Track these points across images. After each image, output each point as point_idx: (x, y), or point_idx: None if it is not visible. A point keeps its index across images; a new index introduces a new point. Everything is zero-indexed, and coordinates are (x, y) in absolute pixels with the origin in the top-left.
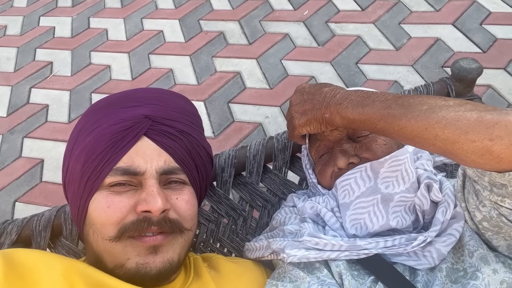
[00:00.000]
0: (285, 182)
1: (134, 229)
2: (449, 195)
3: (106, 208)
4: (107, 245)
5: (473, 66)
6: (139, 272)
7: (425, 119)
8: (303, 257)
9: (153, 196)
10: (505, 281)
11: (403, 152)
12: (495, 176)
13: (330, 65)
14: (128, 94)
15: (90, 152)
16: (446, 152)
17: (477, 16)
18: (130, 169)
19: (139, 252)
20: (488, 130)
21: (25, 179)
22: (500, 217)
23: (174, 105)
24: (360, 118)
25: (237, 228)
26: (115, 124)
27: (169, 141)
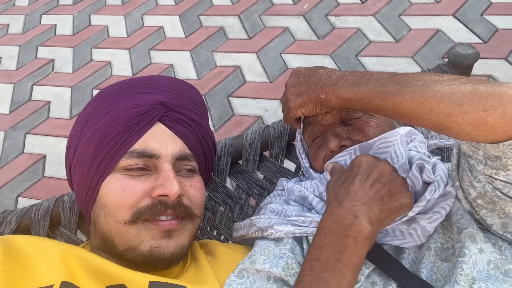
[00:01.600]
0: (281, 170)
1: (150, 213)
2: (441, 176)
3: (122, 191)
4: (120, 228)
5: (469, 51)
6: (152, 255)
7: (420, 94)
8: (289, 232)
9: (171, 181)
10: (491, 261)
11: (392, 134)
12: (489, 148)
13: (330, 58)
14: (142, 80)
15: (104, 134)
16: (441, 125)
17: (477, 6)
18: (145, 152)
19: (153, 236)
20: (482, 101)
21: (28, 175)
22: (494, 191)
23: (186, 94)
24: (355, 97)
25: (233, 215)
26: (130, 108)
27: (183, 128)
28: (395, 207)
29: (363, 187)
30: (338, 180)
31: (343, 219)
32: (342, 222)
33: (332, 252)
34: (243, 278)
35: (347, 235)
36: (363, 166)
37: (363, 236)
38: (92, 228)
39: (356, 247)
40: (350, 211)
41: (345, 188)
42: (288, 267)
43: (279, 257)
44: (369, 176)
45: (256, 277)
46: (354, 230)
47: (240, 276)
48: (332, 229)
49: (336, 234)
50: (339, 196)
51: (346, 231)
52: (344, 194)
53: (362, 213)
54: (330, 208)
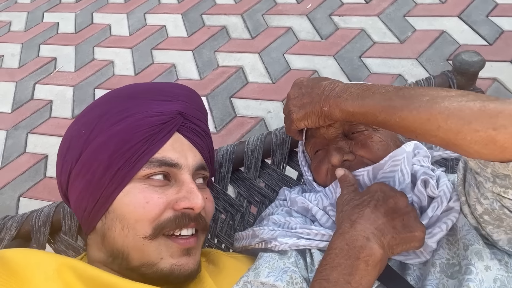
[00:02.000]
0: (283, 177)
1: (175, 226)
2: (444, 191)
3: (145, 204)
4: (139, 242)
5: (475, 59)
6: (173, 273)
7: (427, 110)
8: (293, 244)
9: (195, 194)
10: (498, 278)
11: (400, 152)
12: (498, 166)
13: (333, 59)
14: (158, 87)
15: (122, 141)
16: (449, 143)
17: (483, 7)
18: (166, 160)
19: (173, 253)
20: (491, 119)
21: (29, 175)
22: (502, 209)
23: (198, 104)
24: (360, 110)
25: (234, 223)
26: (151, 116)
27: (198, 139)
28: (407, 237)
29: (377, 212)
30: (352, 200)
31: (355, 241)
32: (354, 244)
33: (343, 273)
34: None
35: (358, 257)
36: (379, 194)
37: (374, 260)
38: (96, 240)
39: (366, 270)
40: (362, 233)
41: (359, 210)
42: (292, 282)
43: (283, 271)
44: (385, 204)
45: None
46: (366, 253)
47: None
48: (343, 250)
49: (347, 256)
50: (352, 217)
51: (357, 254)
52: (357, 215)
53: (374, 237)
54: (341, 229)
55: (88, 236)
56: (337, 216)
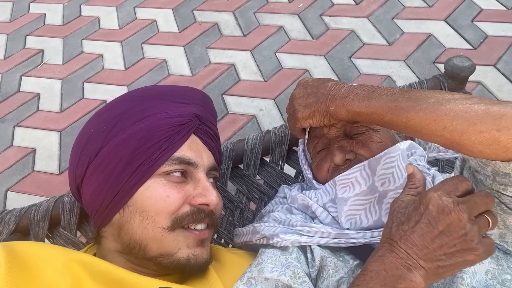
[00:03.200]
0: (281, 175)
1: (192, 220)
2: None
3: (166, 197)
4: (158, 233)
5: (466, 64)
6: (189, 262)
7: (434, 111)
8: (295, 241)
9: (211, 191)
10: (489, 271)
11: (395, 149)
12: (499, 165)
13: (324, 59)
14: (177, 90)
15: (144, 139)
16: (454, 143)
17: (469, 12)
18: (185, 158)
19: (189, 244)
20: (495, 121)
21: (17, 168)
22: (500, 205)
23: (212, 109)
24: (366, 111)
25: (234, 219)
26: (172, 117)
27: (211, 142)
28: (457, 263)
29: (423, 239)
30: (401, 213)
31: (395, 269)
32: (393, 272)
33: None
34: (251, 286)
35: (395, 287)
36: (431, 210)
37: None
38: (112, 232)
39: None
40: (404, 261)
41: (403, 232)
42: (295, 276)
43: (286, 266)
44: (436, 226)
45: (264, 285)
46: (404, 285)
47: (248, 284)
48: (380, 275)
49: (383, 283)
50: (394, 240)
51: (395, 283)
52: (400, 239)
53: (417, 268)
54: (381, 250)
55: (103, 229)
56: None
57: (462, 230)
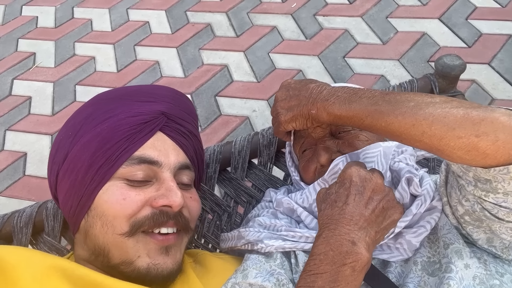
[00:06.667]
0: (270, 177)
1: (153, 223)
2: (428, 190)
3: (122, 200)
4: (117, 239)
5: (457, 63)
6: (150, 273)
7: (412, 116)
8: (279, 247)
9: (174, 191)
10: (477, 276)
11: (375, 147)
12: (480, 171)
13: (317, 59)
14: (143, 89)
15: (104, 140)
16: (433, 148)
17: (463, 11)
18: (146, 157)
19: (149, 252)
20: (474, 126)
21: (8, 173)
22: (483, 211)
23: (185, 105)
24: (347, 114)
25: (221, 224)
26: (132, 116)
27: (182, 138)
28: (388, 224)
29: (358, 208)
30: (329, 195)
31: (340, 246)
32: (339, 250)
33: (328, 280)
34: None
35: (345, 263)
36: (355, 181)
37: (360, 265)
38: (80, 239)
39: (353, 276)
40: (347, 237)
41: (339, 209)
42: (279, 284)
43: (270, 274)
44: (363, 194)
45: None
46: (352, 259)
47: None
48: (328, 256)
49: (332, 262)
50: (333, 218)
51: (343, 260)
52: (339, 216)
53: (359, 240)
54: (324, 232)
55: (75, 235)
56: (318, 215)
57: (384, 191)
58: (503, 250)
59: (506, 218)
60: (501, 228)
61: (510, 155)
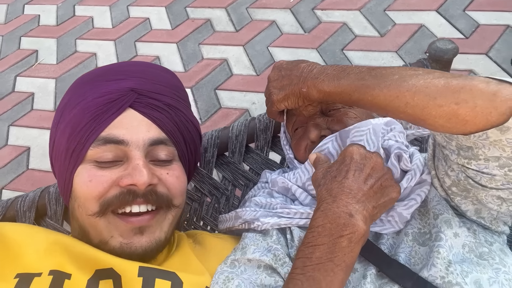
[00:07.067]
0: (266, 161)
1: (119, 202)
2: (417, 165)
3: (88, 182)
4: (91, 220)
5: (449, 46)
6: (124, 251)
7: (396, 88)
8: (275, 223)
9: (139, 170)
10: (466, 244)
11: (366, 124)
12: (461, 139)
13: (316, 52)
14: (113, 68)
15: (75, 124)
16: (416, 118)
17: (460, 2)
18: (111, 137)
19: (122, 232)
20: (454, 94)
21: (12, 167)
22: (467, 179)
23: (161, 79)
24: (336, 90)
25: (220, 206)
26: (100, 96)
27: (156, 113)
28: (385, 201)
29: (357, 183)
30: (329, 172)
31: (338, 218)
32: (337, 222)
33: (325, 252)
34: (234, 267)
35: (342, 235)
36: (355, 159)
37: (357, 237)
38: (71, 221)
39: (349, 247)
40: (345, 209)
41: (338, 183)
42: (276, 258)
43: (267, 250)
44: (363, 170)
45: (247, 266)
46: (349, 231)
47: (232, 266)
48: (326, 228)
49: (329, 234)
50: (332, 192)
51: (340, 231)
52: (338, 189)
53: (357, 212)
54: (323, 205)
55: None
56: (317, 191)
57: (383, 170)
58: (492, 222)
59: (489, 185)
60: (487, 197)
61: (488, 120)
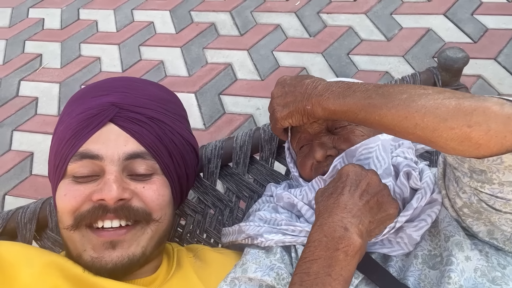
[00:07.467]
0: (271, 172)
1: (89, 217)
2: (428, 183)
3: (63, 196)
4: (67, 233)
5: (459, 55)
6: (94, 265)
7: (405, 108)
8: (279, 241)
9: (109, 184)
10: (478, 268)
11: (374, 140)
12: (474, 162)
13: (321, 56)
14: (98, 84)
15: (60, 141)
16: (426, 140)
17: (468, 6)
18: (86, 153)
19: (94, 246)
20: (466, 116)
21: (15, 172)
22: (480, 202)
23: (145, 92)
24: (341, 109)
25: (223, 218)
26: (81, 112)
27: (136, 127)
28: (383, 217)
29: (352, 198)
30: (326, 190)
31: (333, 232)
32: (332, 235)
33: (322, 266)
34: (235, 286)
35: (338, 248)
36: (351, 176)
37: (353, 250)
38: None
39: (346, 261)
40: (340, 223)
41: (334, 199)
42: (279, 277)
43: (270, 268)
44: (358, 187)
45: (248, 285)
46: (345, 244)
47: (232, 284)
48: (322, 242)
49: (326, 248)
50: (328, 208)
51: (336, 245)
52: (333, 205)
53: (352, 226)
54: (319, 220)
55: None
56: (315, 208)
57: (379, 186)
58: (505, 242)
59: (503, 209)
60: (500, 219)
61: (503, 144)
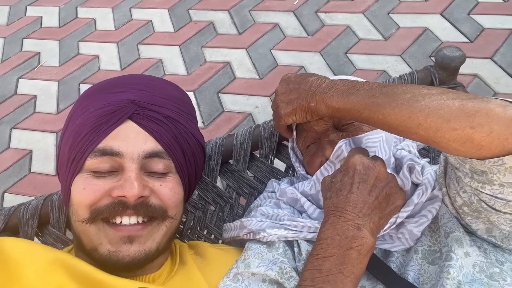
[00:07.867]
0: (271, 169)
1: (109, 212)
2: (429, 179)
3: (82, 190)
4: (82, 226)
5: (456, 54)
6: (111, 259)
7: (409, 108)
8: (282, 236)
9: (130, 182)
10: (477, 264)
11: (376, 132)
12: (475, 163)
13: (319, 55)
14: (116, 80)
15: (76, 135)
16: (429, 140)
17: (465, 6)
18: (107, 149)
19: (111, 239)
20: (469, 118)
21: (14, 170)
22: (480, 202)
23: (163, 91)
24: (345, 107)
25: (224, 215)
26: (100, 108)
27: (155, 125)
28: (391, 210)
29: (362, 196)
30: (334, 184)
31: (346, 231)
32: (346, 234)
33: (335, 263)
34: (238, 282)
35: (351, 247)
36: (359, 170)
37: (366, 249)
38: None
39: (358, 259)
40: (352, 222)
41: (344, 197)
42: (282, 272)
43: (272, 263)
44: (367, 182)
45: (251, 280)
46: (358, 243)
47: (235, 280)
48: (335, 240)
49: (339, 246)
50: (339, 206)
51: (349, 244)
52: (344, 204)
53: (364, 225)
54: (331, 218)
55: None
56: (323, 203)
57: (387, 178)
58: (503, 240)
59: (503, 210)
60: (499, 219)
61: (505, 146)
